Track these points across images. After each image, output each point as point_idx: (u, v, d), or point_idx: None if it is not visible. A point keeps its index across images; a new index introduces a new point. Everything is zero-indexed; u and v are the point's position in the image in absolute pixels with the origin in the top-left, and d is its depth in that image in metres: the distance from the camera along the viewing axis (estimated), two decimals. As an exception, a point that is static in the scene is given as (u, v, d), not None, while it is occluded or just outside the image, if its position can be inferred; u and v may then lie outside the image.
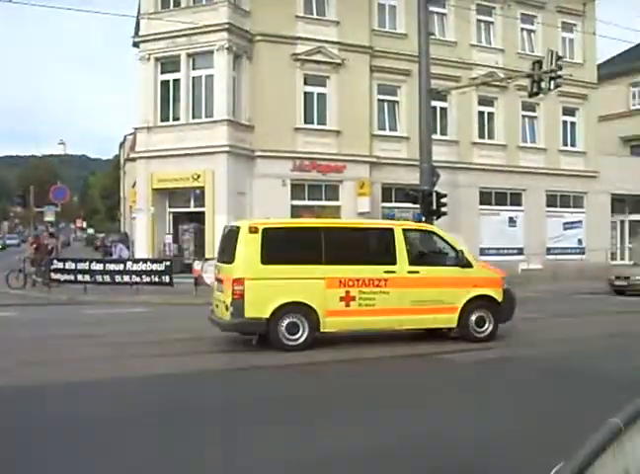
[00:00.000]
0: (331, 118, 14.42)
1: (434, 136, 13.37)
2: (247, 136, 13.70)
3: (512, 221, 18.15)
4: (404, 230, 6.62)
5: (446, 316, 6.70)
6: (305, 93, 14.34)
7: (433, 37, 13.56)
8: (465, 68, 17.31)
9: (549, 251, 19.09)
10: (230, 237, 6.40)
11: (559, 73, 12.21)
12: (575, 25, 19.45)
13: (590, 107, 20.07)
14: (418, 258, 6.66)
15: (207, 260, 11.31)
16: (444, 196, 12.18)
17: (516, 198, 18.36)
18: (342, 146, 14.70)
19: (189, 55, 12.98)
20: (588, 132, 19.99)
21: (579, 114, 20.00)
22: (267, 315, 6.00)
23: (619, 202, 21.04)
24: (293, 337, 6.14)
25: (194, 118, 12.98)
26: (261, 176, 13.59)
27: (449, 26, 17.30)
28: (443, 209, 12.04)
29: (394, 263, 6.51)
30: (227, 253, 6.35)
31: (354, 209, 14.44)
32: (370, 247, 6.66)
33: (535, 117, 19.18)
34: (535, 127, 19.23)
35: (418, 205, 11.99)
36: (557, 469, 1.16)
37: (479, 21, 17.82)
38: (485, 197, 17.93)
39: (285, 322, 6.13)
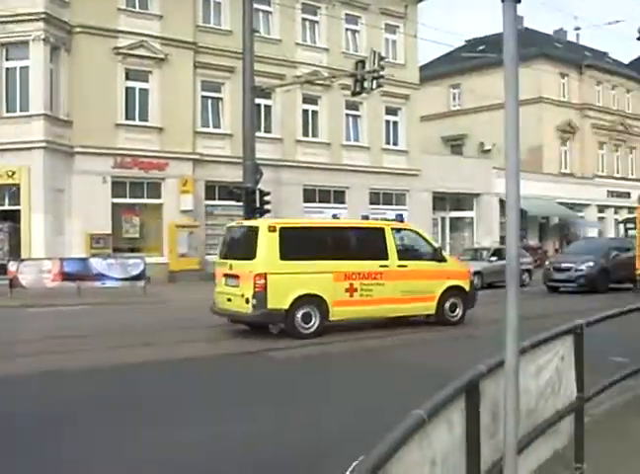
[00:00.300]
0: (153, 114, 16.12)
1: (257, 134, 15.20)
2: (65, 132, 14.61)
3: (335, 219, 21.49)
4: (392, 229, 9.31)
5: (428, 304, 9.69)
6: (127, 88, 15.72)
7: (257, 34, 15.66)
8: (290, 66, 19.91)
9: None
10: (245, 236, 8.78)
11: (381, 73, 14.75)
12: (397, 27, 23.20)
13: (412, 107, 23.97)
14: (404, 254, 9.34)
15: (23, 260, 12.76)
16: (268, 193, 14.04)
17: (339, 196, 21.67)
18: (164, 143, 16.29)
19: (2, 45, 13.92)
20: (410, 132, 23.74)
21: (401, 113, 23.85)
22: (286, 306, 8.24)
23: (440, 200, 24.93)
24: (307, 325, 8.39)
25: (7, 111, 14.05)
26: (80, 173, 15.14)
27: (274, 23, 19.87)
28: (267, 207, 13.91)
29: (387, 258, 9.20)
30: (242, 250, 8.63)
31: (176, 207, 16.67)
32: (367, 244, 9.21)
33: (359, 115, 22.67)
34: (359, 126, 22.68)
35: (241, 203, 14.00)
36: (356, 463, 1.33)
37: (304, 19, 20.58)
38: (309, 195, 21.17)
39: (301, 312, 8.40)
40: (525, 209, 25.64)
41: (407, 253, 10.11)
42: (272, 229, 9.05)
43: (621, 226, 31.57)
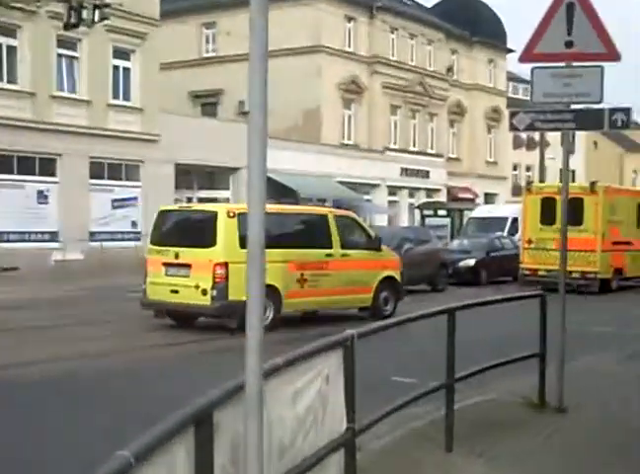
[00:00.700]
0: None
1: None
2: None
3: (42, 196, 20.63)
4: (334, 216, 11.40)
5: (365, 296, 11.94)
6: None
7: None
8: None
9: (93, 236, 22.23)
10: (198, 221, 10.08)
11: (107, 1, 14.69)
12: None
13: (149, 49, 23.53)
14: (345, 242, 11.41)
15: None
16: None
17: (47, 166, 21.25)
18: None
19: None
20: (146, 83, 23.24)
21: (135, 58, 23.37)
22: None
23: (185, 175, 24.31)
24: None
25: None
26: None
27: None
28: None
29: (331, 246, 11.33)
30: (193, 237, 10.06)
31: None
32: (313, 232, 11.23)
33: (76, 57, 21.94)
34: (76, 72, 21.98)
35: None
36: None
37: None
38: (4, 165, 20.30)
39: None
40: (296, 189, 26.20)
41: (347, 242, 12.46)
42: (231, 215, 10.82)
43: (417, 212, 33.26)
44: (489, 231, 27.01)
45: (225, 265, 10.99)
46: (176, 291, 11.39)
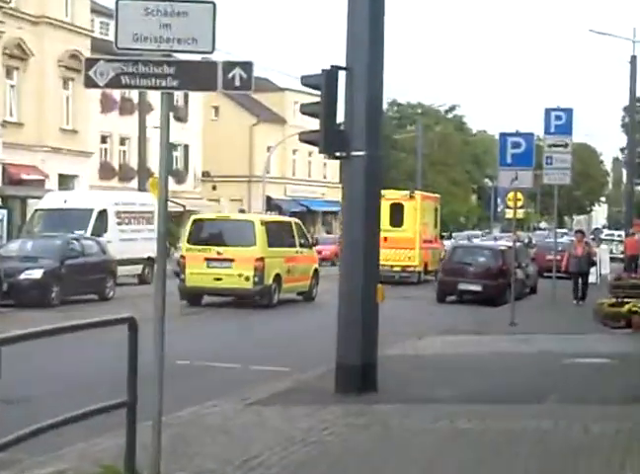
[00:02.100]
0: None
1: None
2: None
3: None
4: (296, 223, 29.60)
5: (306, 282, 27.94)
6: None
7: None
8: None
9: None
10: (238, 227, 26.54)
11: None
12: None
13: None
14: (300, 242, 27.95)
15: None
16: None
17: None
18: None
19: None
20: None
21: None
22: (270, 282, 25.54)
23: None
24: (275, 296, 26.03)
25: None
26: None
27: None
28: None
29: (295, 245, 27.62)
30: (234, 239, 25.49)
31: None
32: (287, 235, 27.48)
33: None
34: None
35: None
36: None
37: None
38: None
39: (274, 286, 25.91)
40: None
41: (301, 242, 28.03)
42: (263, 223, 25.78)
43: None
44: (65, 229, 27.51)
45: (262, 259, 24.84)
46: (219, 279, 24.78)
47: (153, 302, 7.32)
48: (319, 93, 11.34)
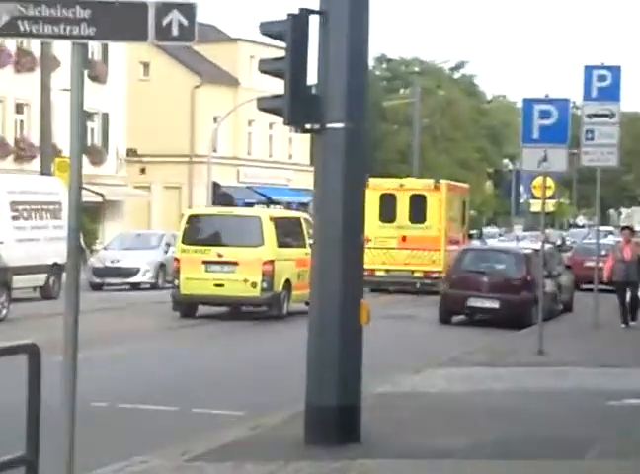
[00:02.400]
0: None
1: None
2: None
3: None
4: (305, 219, 31.89)
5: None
6: None
7: None
8: None
9: None
10: (240, 224, 29.94)
11: None
12: None
13: None
14: (307, 243, 27.43)
15: None
16: None
17: None
18: None
19: None
20: None
21: None
22: (280, 289, 29.04)
23: None
24: (285, 306, 29.69)
25: None
26: None
27: None
28: None
29: (304, 246, 28.47)
30: (236, 238, 28.81)
31: None
32: (295, 234, 30.98)
33: None
34: None
35: None
36: None
37: None
38: None
39: (284, 294, 29.49)
40: None
41: (308, 242, 27.05)
42: (272, 219, 29.10)
43: None
44: None
45: (272, 262, 27.23)
46: (221, 285, 26.87)
47: (63, 323, 7.29)
48: (283, 45, 11.35)
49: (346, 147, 11.50)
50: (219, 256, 27.32)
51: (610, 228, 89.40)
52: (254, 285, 27.27)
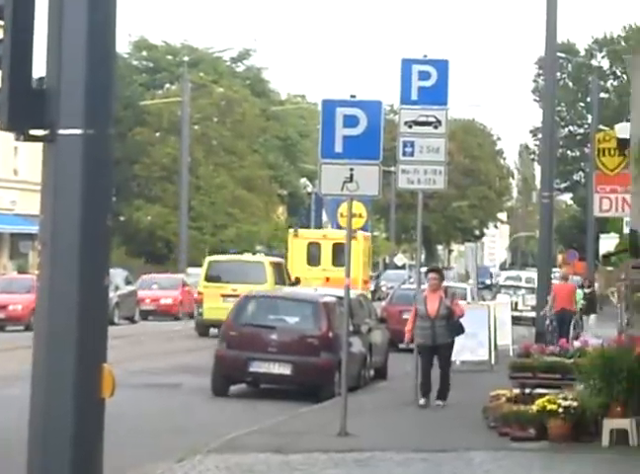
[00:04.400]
0: None
1: None
2: None
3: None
4: (284, 263, 72.78)
5: None
6: None
7: None
8: None
9: None
10: (248, 267, 63.30)
11: None
12: None
13: None
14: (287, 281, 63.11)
15: None
16: None
17: None
18: None
19: None
20: None
21: None
22: None
23: None
24: None
25: None
26: None
27: None
28: None
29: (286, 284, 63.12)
30: (245, 277, 59.38)
31: None
32: (281, 275, 65.38)
33: None
34: None
35: None
36: None
37: None
38: None
39: None
40: None
41: (289, 282, 61.77)
42: (271, 264, 63.07)
43: None
44: None
45: None
46: None
47: None
48: (1, 23, 11.28)
49: (85, 159, 11.36)
50: (233, 290, 45.76)
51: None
52: None
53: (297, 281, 57.81)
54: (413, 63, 26.51)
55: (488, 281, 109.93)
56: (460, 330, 28.58)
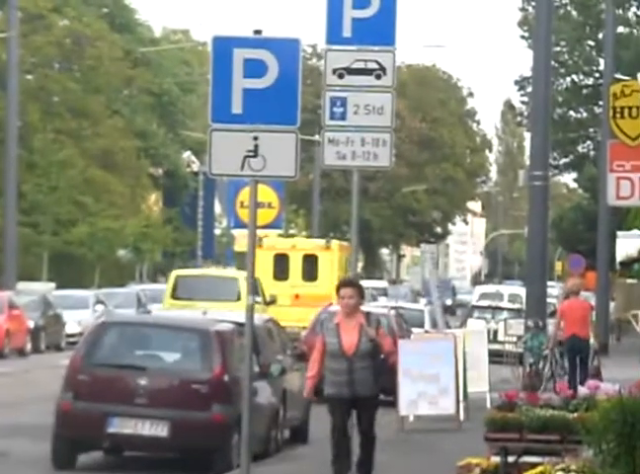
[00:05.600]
0: None
1: None
2: None
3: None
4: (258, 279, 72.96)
5: None
6: None
7: None
8: None
9: None
10: (220, 284, 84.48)
11: None
12: None
13: None
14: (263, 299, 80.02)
15: None
16: None
17: None
18: None
19: None
20: None
21: None
22: None
23: None
24: None
25: None
26: None
27: None
28: None
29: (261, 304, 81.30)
30: (217, 295, 77.48)
31: None
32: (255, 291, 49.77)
33: None
34: None
35: None
36: None
37: None
38: None
39: None
40: None
41: (265, 300, 79.85)
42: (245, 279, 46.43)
43: None
44: None
45: None
46: None
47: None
48: None
49: None
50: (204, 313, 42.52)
51: (384, 284, 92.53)
52: None
53: (273, 300, 65.77)
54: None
55: (448, 302, 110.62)
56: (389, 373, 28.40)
